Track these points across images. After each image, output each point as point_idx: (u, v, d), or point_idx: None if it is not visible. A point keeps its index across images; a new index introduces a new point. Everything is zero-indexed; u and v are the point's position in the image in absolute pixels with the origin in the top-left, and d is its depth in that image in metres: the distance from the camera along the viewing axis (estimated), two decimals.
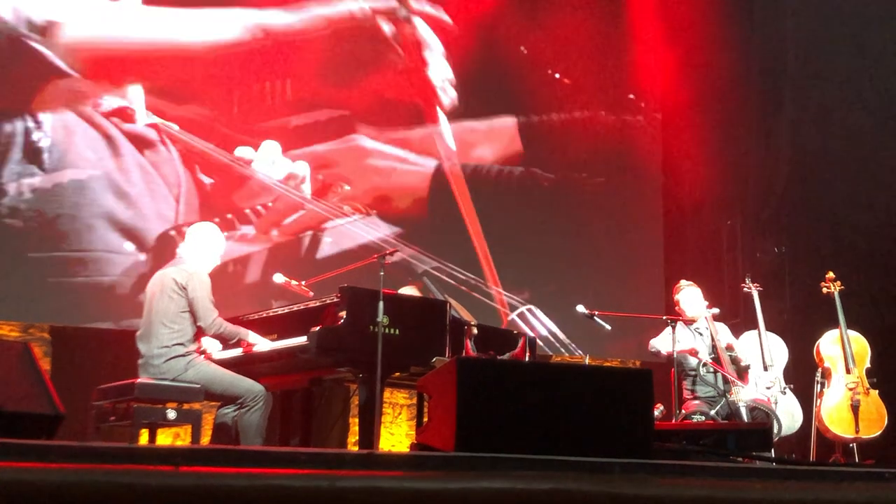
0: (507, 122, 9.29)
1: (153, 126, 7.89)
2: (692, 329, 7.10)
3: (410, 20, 8.85)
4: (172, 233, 7.73)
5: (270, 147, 8.26)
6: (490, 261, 8.93)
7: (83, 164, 7.63)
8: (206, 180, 8.06)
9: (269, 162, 8.23)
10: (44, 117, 7.56)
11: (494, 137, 9.26)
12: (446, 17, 8.99)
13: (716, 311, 7.14)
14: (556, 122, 9.58)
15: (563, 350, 7.16)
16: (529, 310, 6.83)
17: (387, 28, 8.76)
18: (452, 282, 8.55)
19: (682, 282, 7.32)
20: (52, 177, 7.51)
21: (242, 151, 8.20)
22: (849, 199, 8.39)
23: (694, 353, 6.87)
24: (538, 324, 6.77)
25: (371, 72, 8.75)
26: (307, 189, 8.36)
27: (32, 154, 7.50)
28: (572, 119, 9.65)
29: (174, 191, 7.93)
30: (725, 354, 6.90)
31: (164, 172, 7.91)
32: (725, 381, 6.81)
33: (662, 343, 6.94)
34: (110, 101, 7.79)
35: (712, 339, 6.99)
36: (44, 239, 7.45)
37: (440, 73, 8.99)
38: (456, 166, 9.02)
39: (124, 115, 7.84)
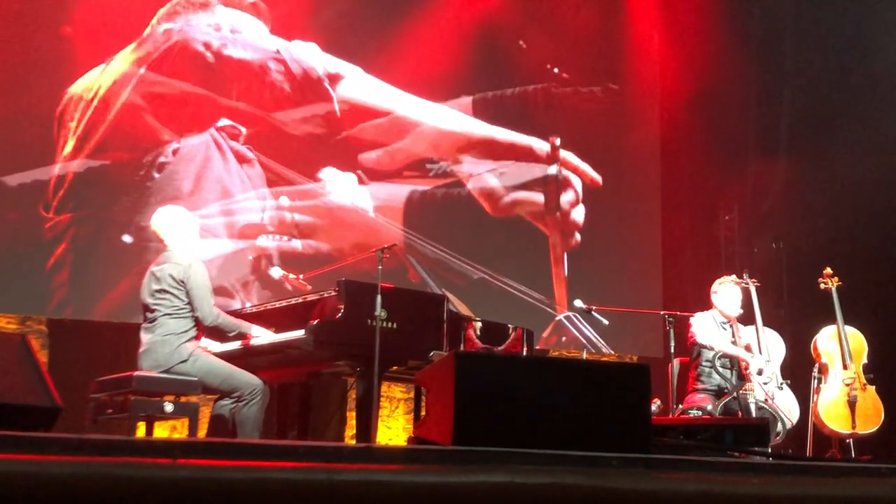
0: (463, 102, 9.39)
1: (250, 147, 8.32)
2: (718, 321, 7.09)
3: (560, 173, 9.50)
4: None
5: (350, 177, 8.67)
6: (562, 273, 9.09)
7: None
8: (287, 201, 8.41)
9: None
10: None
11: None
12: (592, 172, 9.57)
13: (740, 311, 7.13)
14: (554, 117, 9.58)
15: (603, 350, 7.21)
16: (575, 315, 6.85)
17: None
18: (505, 287, 8.68)
19: (725, 278, 7.23)
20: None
21: (326, 173, 8.55)
22: (847, 194, 8.39)
23: (746, 365, 6.84)
24: (583, 327, 6.80)
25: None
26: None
27: None
28: (570, 113, 9.64)
29: (261, 204, 8.27)
30: (742, 352, 6.90)
31: (257, 186, 8.25)
32: (740, 377, 6.81)
33: (716, 341, 6.88)
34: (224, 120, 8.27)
35: (733, 336, 6.99)
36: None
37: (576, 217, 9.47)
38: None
39: (231, 132, 8.27)
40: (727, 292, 7.12)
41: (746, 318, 7.34)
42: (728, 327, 7.07)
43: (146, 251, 7.52)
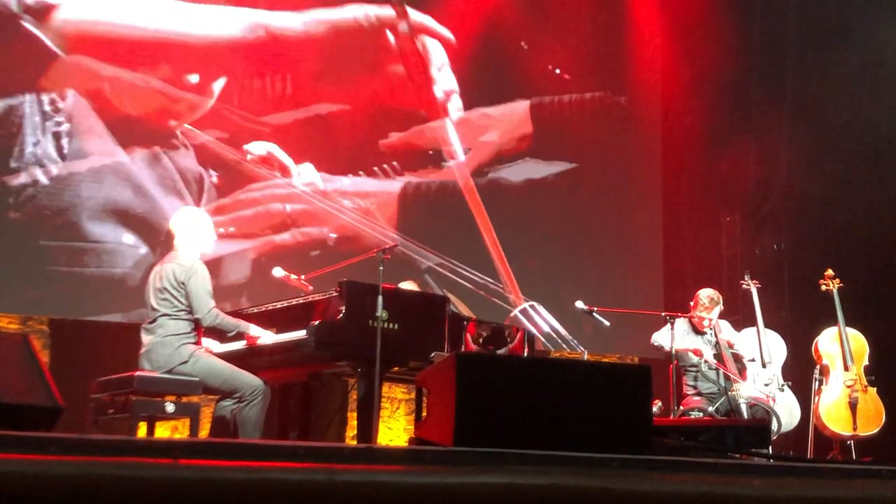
0: (521, 107, 9.30)
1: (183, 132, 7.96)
2: (694, 325, 7.11)
3: (413, 34, 8.76)
4: None
5: (308, 170, 8.34)
6: (503, 257, 8.94)
7: (99, 153, 7.62)
8: (219, 179, 8.13)
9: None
10: (63, 104, 7.53)
11: (505, 122, 9.27)
12: (447, 33, 8.95)
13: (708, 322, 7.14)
14: (555, 117, 9.57)
15: (564, 346, 7.19)
16: (532, 306, 6.84)
17: (392, 39, 8.73)
18: (456, 278, 8.56)
19: (714, 296, 7.19)
20: (69, 165, 7.49)
21: (254, 147, 8.22)
22: (848, 196, 8.39)
23: (698, 353, 6.85)
24: (540, 320, 6.78)
25: (374, 77, 8.73)
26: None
27: (51, 140, 7.48)
28: (570, 114, 9.63)
29: (193, 187, 7.96)
30: (728, 351, 6.91)
31: (183, 168, 7.94)
32: (727, 377, 6.82)
33: (664, 338, 6.93)
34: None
35: (715, 336, 7.00)
36: (56, 228, 7.44)
37: (445, 85, 8.96)
38: (462, 166, 9.05)
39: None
40: (707, 310, 7.08)
41: (747, 320, 7.34)
42: (708, 329, 7.08)
43: (160, 251, 7.48)
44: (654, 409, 6.25)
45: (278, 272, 6.12)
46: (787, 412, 6.98)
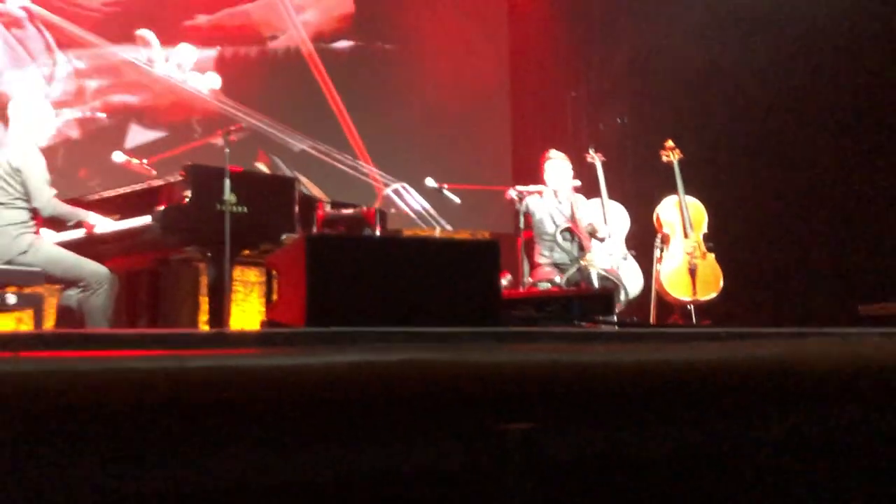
0: None
1: (24, 9, 7.50)
2: (553, 197, 7.21)
3: None
4: None
5: (185, 50, 7.94)
6: (358, 138, 8.84)
7: None
8: (79, 64, 7.69)
9: (174, 65, 7.94)
10: None
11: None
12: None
13: (577, 183, 7.27)
14: None
15: (433, 224, 7.22)
16: (403, 186, 6.82)
17: None
18: (327, 159, 8.47)
19: (554, 153, 7.31)
20: None
21: (144, 33, 7.88)
22: (688, 71, 8.55)
23: (541, 193, 6.97)
24: (412, 200, 6.77)
25: None
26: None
27: None
28: None
29: (45, 70, 7.53)
30: (582, 224, 7.06)
31: (32, 49, 7.50)
32: (581, 248, 6.99)
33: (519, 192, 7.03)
34: None
35: (571, 209, 7.13)
36: None
37: None
38: (306, 42, 8.83)
39: None
40: (554, 168, 7.23)
41: (592, 193, 7.50)
42: (565, 200, 7.22)
43: None
44: (504, 281, 6.36)
45: (119, 157, 5.91)
46: (630, 281, 7.21)
